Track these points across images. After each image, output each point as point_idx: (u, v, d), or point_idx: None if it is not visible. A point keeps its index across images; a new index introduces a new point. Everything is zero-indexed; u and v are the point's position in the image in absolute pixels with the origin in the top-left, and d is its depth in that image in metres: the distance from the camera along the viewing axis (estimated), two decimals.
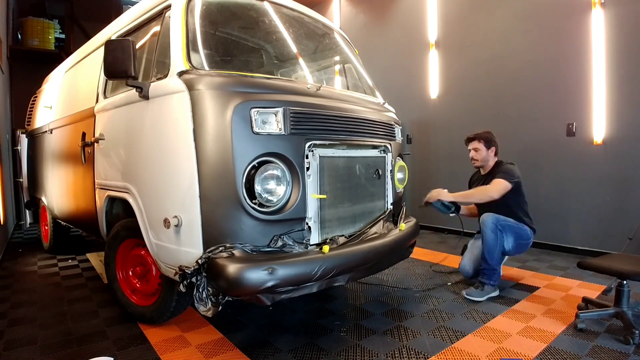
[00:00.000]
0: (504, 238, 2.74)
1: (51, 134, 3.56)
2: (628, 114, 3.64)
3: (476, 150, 2.99)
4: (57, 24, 6.24)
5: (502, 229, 2.73)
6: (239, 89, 1.78)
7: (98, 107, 2.56)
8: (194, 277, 1.67)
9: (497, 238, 2.70)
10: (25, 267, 3.64)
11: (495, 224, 2.71)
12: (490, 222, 2.72)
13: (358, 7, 6.43)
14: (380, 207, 2.42)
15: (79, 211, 3.00)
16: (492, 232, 2.70)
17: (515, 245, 2.80)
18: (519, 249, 2.86)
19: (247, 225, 1.74)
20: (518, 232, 2.80)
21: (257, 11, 2.39)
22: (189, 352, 1.98)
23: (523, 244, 2.85)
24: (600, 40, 3.75)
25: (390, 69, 5.78)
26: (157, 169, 1.97)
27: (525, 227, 2.85)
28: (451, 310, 2.51)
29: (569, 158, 4.02)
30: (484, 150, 2.96)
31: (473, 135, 3.03)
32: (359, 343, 2.08)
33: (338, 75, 3.07)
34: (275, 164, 1.80)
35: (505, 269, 3.43)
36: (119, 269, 2.42)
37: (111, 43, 1.86)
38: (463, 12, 4.95)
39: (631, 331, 2.03)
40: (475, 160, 3.02)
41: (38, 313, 2.50)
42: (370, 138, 2.30)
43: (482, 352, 1.96)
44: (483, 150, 2.96)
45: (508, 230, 2.76)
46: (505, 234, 2.74)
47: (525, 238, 2.85)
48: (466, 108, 4.91)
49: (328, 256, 1.81)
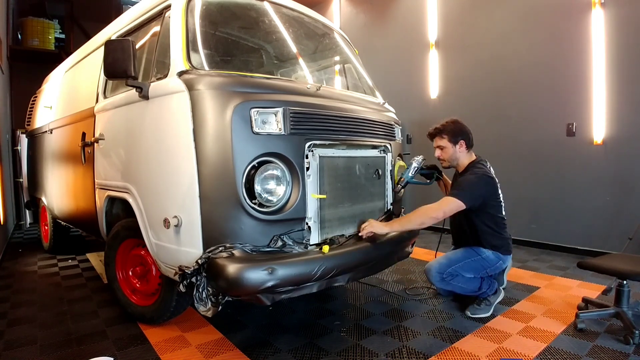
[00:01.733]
0: (463, 278, 2.42)
1: (51, 134, 3.56)
2: (628, 114, 3.64)
3: (441, 148, 2.50)
4: (57, 24, 6.24)
5: (452, 275, 2.41)
6: (238, 89, 1.78)
7: (98, 107, 2.56)
8: (193, 277, 1.67)
9: (455, 285, 2.43)
10: (25, 267, 3.64)
11: (441, 275, 2.41)
12: (434, 280, 2.45)
13: (358, 7, 6.43)
14: (380, 207, 2.42)
15: (79, 211, 3.00)
16: (440, 284, 2.46)
17: (485, 274, 2.45)
18: (495, 272, 2.49)
19: (247, 225, 1.74)
20: (474, 267, 2.42)
21: (257, 11, 2.39)
22: (189, 352, 1.98)
23: (490, 270, 2.45)
24: (600, 40, 3.75)
25: (390, 69, 5.78)
26: (157, 169, 1.97)
27: (484, 254, 2.41)
28: (451, 310, 2.51)
29: (569, 158, 4.01)
30: (450, 148, 2.46)
31: (434, 129, 2.51)
32: (359, 343, 2.08)
33: (338, 75, 3.07)
34: (275, 164, 1.80)
35: None
36: (119, 269, 2.42)
37: (111, 43, 1.86)
38: (463, 12, 4.95)
39: (631, 331, 2.03)
40: (443, 161, 2.53)
41: (38, 313, 2.50)
42: (370, 138, 2.30)
43: (482, 352, 1.96)
44: (449, 147, 2.46)
45: (461, 271, 2.42)
46: (461, 274, 2.42)
47: (490, 265, 2.43)
48: (466, 108, 4.91)
49: (328, 256, 1.81)
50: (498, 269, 2.50)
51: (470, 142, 2.49)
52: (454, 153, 2.47)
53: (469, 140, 2.48)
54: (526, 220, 4.34)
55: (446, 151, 2.48)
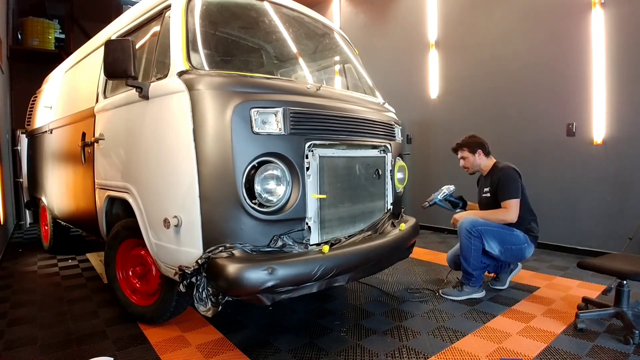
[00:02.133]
0: (484, 243, 2.62)
1: (51, 134, 3.56)
2: (628, 114, 3.64)
3: (464, 158, 2.95)
4: (57, 24, 6.24)
5: (480, 233, 2.61)
6: (238, 89, 1.78)
7: (98, 107, 2.56)
8: (193, 277, 1.67)
9: (470, 244, 2.62)
10: (25, 267, 3.64)
11: (469, 230, 2.62)
12: (463, 228, 2.65)
13: (358, 7, 6.43)
14: (380, 207, 2.42)
15: (79, 211, 3.00)
16: (465, 238, 2.65)
17: (504, 251, 2.64)
18: (512, 254, 2.69)
19: (247, 225, 1.74)
20: (502, 237, 2.64)
21: (257, 11, 2.39)
22: (189, 352, 1.98)
23: (515, 249, 2.67)
24: (600, 40, 3.75)
25: (390, 69, 5.78)
26: (157, 169, 1.97)
27: (516, 232, 2.68)
28: (451, 310, 2.51)
29: (569, 158, 4.02)
30: (471, 157, 2.91)
31: (456, 145, 3.00)
32: (359, 343, 2.08)
33: (338, 75, 3.07)
34: (275, 164, 1.80)
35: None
36: (119, 269, 2.42)
37: (111, 43, 1.86)
38: (463, 12, 4.95)
39: (631, 331, 2.03)
40: (467, 168, 2.98)
41: (38, 313, 2.50)
42: (370, 138, 2.30)
43: (482, 352, 1.96)
44: (469, 156, 2.92)
45: (488, 235, 2.62)
46: (485, 239, 2.61)
47: (516, 243, 2.67)
48: (466, 108, 4.91)
49: (328, 256, 1.81)
50: (520, 252, 2.72)
51: (487, 150, 2.92)
52: (474, 160, 2.91)
53: (485, 148, 2.91)
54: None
55: (468, 160, 2.94)
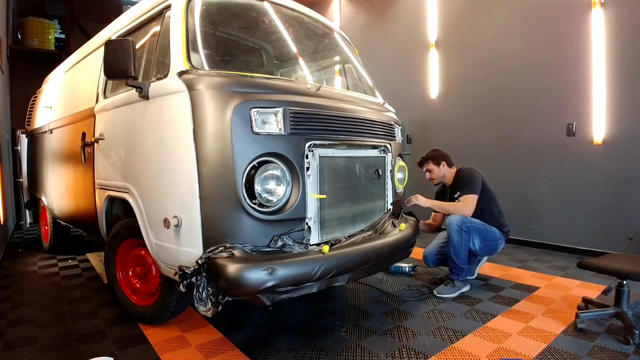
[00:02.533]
0: (470, 239, 2.78)
1: (51, 134, 3.56)
2: (628, 114, 3.64)
3: (429, 171, 3.11)
4: (57, 24, 6.24)
5: (468, 230, 2.77)
6: (238, 89, 1.78)
7: (98, 107, 2.56)
8: (193, 277, 1.67)
9: (462, 239, 2.75)
10: (25, 267, 3.64)
11: (460, 226, 2.75)
12: (455, 224, 2.76)
13: (358, 7, 6.43)
14: (380, 207, 2.42)
15: (79, 211, 3.00)
16: (456, 234, 2.75)
17: (482, 247, 2.85)
18: (486, 250, 2.91)
19: (247, 225, 1.74)
20: (484, 234, 2.84)
21: (257, 11, 2.39)
22: (189, 352, 1.98)
23: (490, 245, 2.89)
24: (600, 40, 3.75)
25: (390, 69, 5.78)
26: (157, 169, 1.97)
27: (492, 229, 2.88)
28: (451, 310, 2.51)
29: (569, 158, 4.01)
30: (436, 169, 3.08)
31: (421, 159, 3.18)
32: (359, 343, 2.08)
33: (338, 75, 3.07)
34: (275, 164, 1.80)
35: (505, 269, 3.44)
36: (119, 269, 2.42)
37: (111, 43, 1.86)
38: (463, 12, 4.95)
39: (631, 331, 2.03)
40: (432, 180, 3.16)
41: (38, 313, 2.50)
42: (370, 138, 2.30)
43: (482, 352, 1.96)
44: (435, 168, 3.08)
45: (474, 232, 2.80)
46: (472, 235, 2.79)
47: (492, 239, 2.88)
48: (466, 108, 4.91)
49: (328, 256, 1.81)
50: (495, 248, 2.94)
51: (449, 162, 3.11)
52: (439, 172, 3.10)
53: (447, 160, 3.11)
54: (526, 220, 4.34)
55: (433, 172, 3.11)
